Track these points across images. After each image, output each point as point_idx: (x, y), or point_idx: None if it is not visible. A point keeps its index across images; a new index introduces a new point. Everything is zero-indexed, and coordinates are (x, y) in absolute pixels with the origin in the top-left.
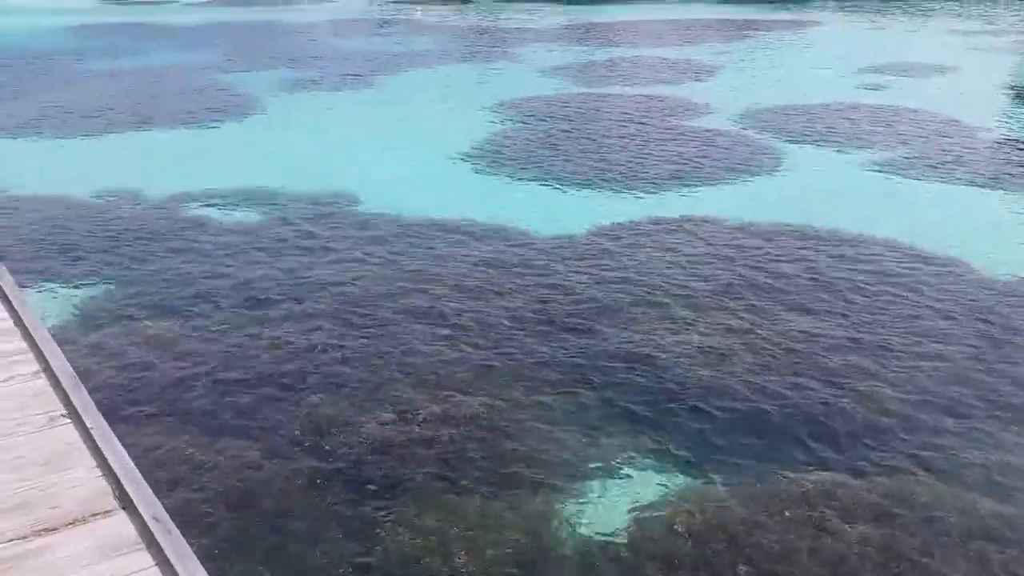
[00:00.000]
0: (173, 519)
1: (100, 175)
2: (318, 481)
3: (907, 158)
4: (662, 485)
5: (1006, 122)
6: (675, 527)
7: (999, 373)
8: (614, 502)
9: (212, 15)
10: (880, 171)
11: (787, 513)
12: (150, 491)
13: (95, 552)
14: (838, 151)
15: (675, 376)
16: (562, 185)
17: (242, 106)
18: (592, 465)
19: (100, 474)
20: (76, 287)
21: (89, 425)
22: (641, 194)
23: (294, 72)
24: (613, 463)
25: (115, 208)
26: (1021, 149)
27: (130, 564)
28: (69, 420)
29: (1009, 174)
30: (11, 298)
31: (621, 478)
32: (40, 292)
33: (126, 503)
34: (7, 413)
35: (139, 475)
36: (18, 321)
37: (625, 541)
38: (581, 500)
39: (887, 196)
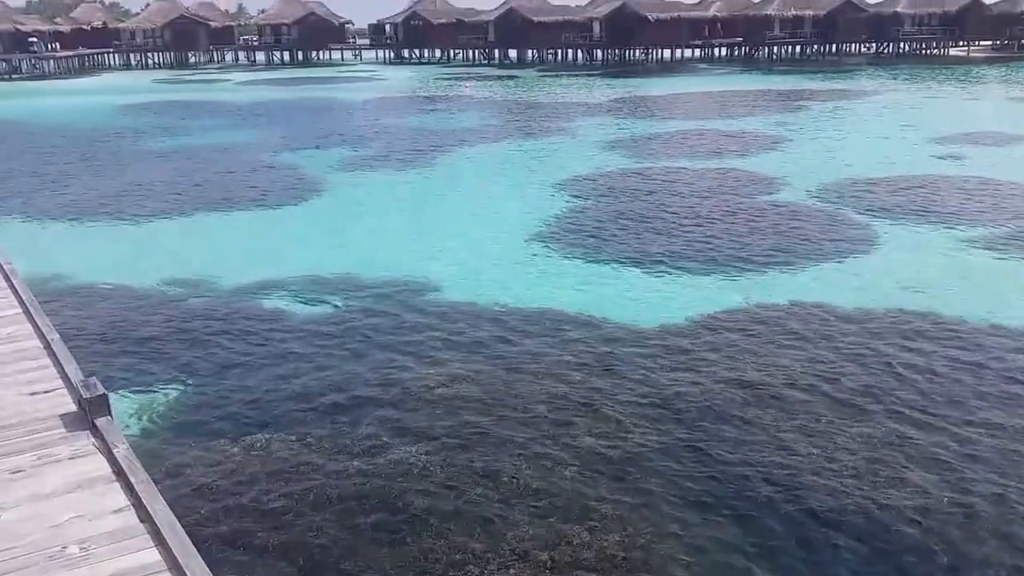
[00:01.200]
0: None
1: (168, 261)
2: None
3: (1017, 234)
4: None
5: None
6: None
7: None
8: None
9: (264, 93)
10: (990, 249)
11: None
12: None
13: None
14: (939, 227)
15: (824, 498)
16: (652, 268)
17: (304, 186)
18: None
19: None
20: (157, 391)
21: None
22: (741, 277)
23: (352, 150)
24: None
25: (187, 298)
26: None
27: None
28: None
29: None
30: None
31: None
32: (121, 396)
33: None
34: None
35: None
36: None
37: None
38: None
39: (1008, 277)
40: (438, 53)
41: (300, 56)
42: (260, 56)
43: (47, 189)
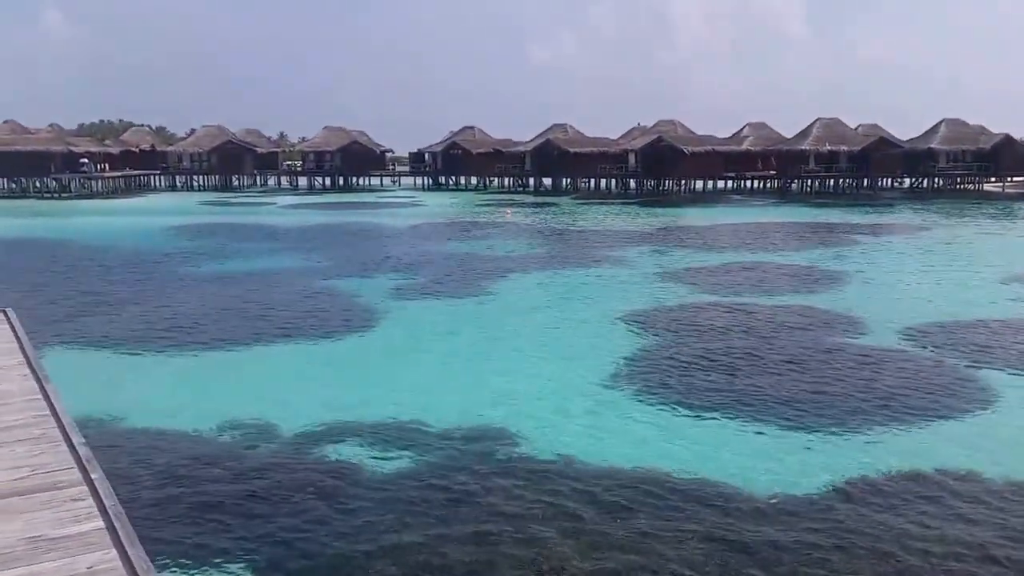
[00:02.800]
0: None
1: (223, 401)
2: None
3: None
4: None
5: None
6: None
7: None
8: None
9: (310, 216)
10: None
11: None
12: None
13: None
14: None
15: None
16: (750, 420)
17: (361, 316)
18: None
19: None
20: (220, 571)
21: None
22: (855, 435)
23: (405, 277)
24: None
25: (247, 449)
26: None
27: None
28: None
29: None
30: None
31: None
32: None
33: None
34: None
35: None
36: None
37: None
38: None
39: None
40: (474, 180)
41: (341, 181)
42: (302, 181)
43: (99, 313)
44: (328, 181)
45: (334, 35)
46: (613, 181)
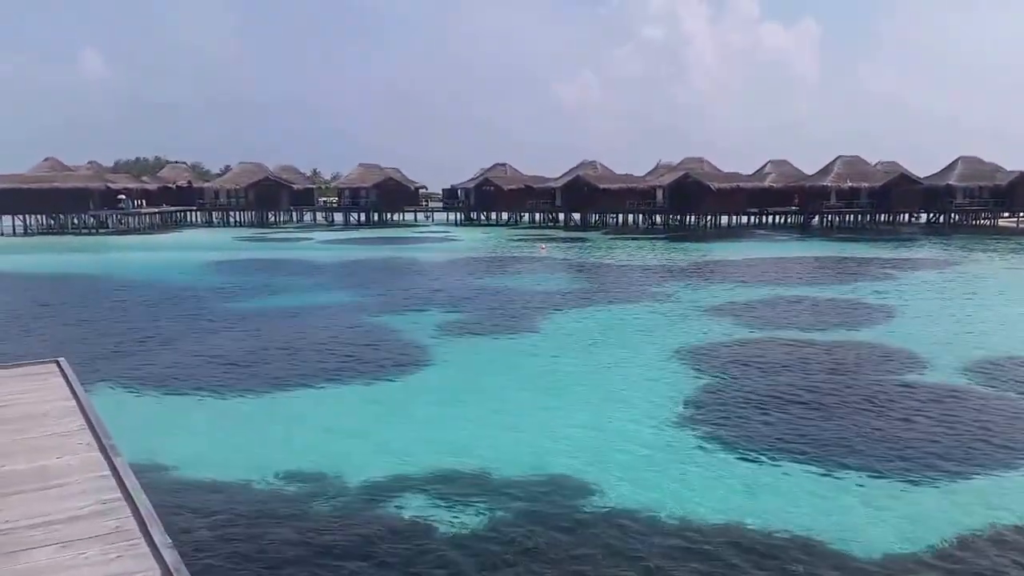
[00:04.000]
0: None
1: (280, 447)
2: None
3: None
4: None
5: None
6: None
7: None
8: None
9: (348, 252)
10: None
11: None
12: None
13: None
14: None
15: None
16: (836, 470)
17: (412, 355)
18: None
19: None
20: None
21: None
22: (946, 482)
23: (451, 312)
24: None
25: (311, 502)
26: None
27: None
28: None
29: None
30: None
31: None
32: None
33: None
34: None
35: None
36: None
37: None
38: None
39: None
40: (505, 216)
41: (376, 217)
42: (337, 216)
43: (143, 351)
44: (363, 217)
45: (363, 75)
46: (640, 216)
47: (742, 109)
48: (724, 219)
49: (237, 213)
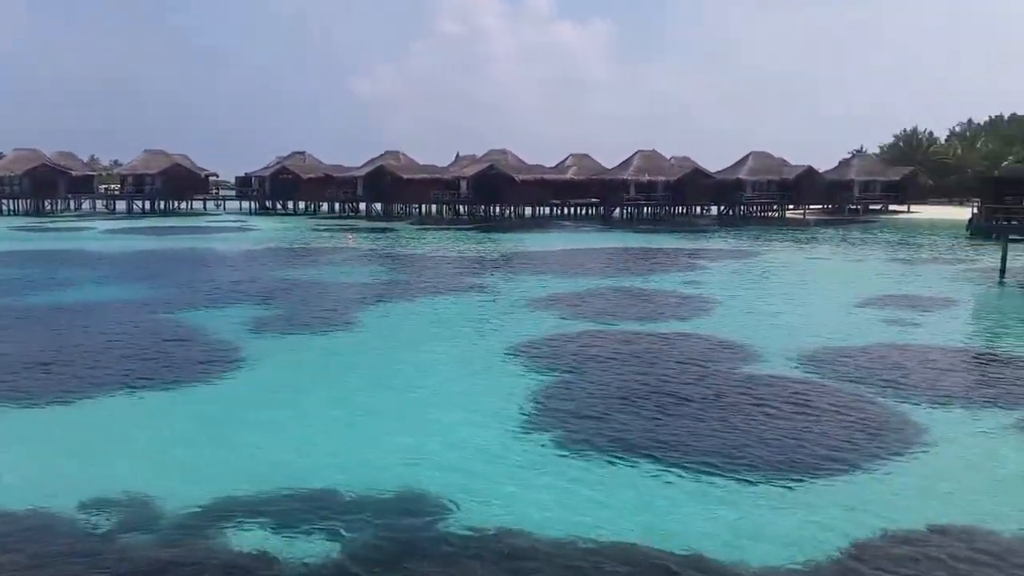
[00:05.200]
0: None
1: (82, 469)
2: None
3: None
4: None
5: None
6: None
7: None
8: None
9: (135, 242)
10: None
11: None
12: None
13: None
14: (967, 410)
15: None
16: (689, 475)
17: (219, 356)
18: None
19: None
20: None
21: None
22: (801, 489)
23: (259, 309)
24: None
25: (119, 535)
26: None
27: None
28: None
29: None
30: None
31: None
32: None
33: None
34: None
35: None
36: None
37: None
38: None
39: None
40: (302, 205)
41: (162, 205)
42: (120, 204)
43: None
44: (148, 205)
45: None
46: (445, 207)
47: (540, 103)
48: (528, 210)
49: (10, 201)
